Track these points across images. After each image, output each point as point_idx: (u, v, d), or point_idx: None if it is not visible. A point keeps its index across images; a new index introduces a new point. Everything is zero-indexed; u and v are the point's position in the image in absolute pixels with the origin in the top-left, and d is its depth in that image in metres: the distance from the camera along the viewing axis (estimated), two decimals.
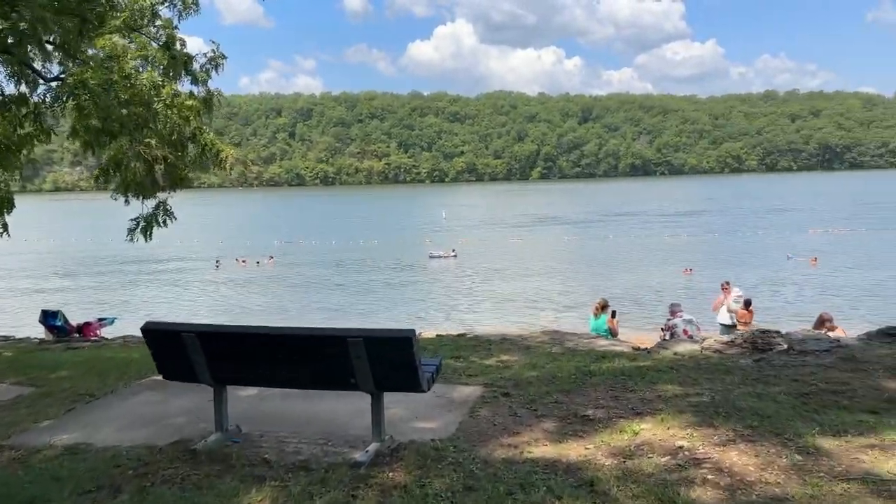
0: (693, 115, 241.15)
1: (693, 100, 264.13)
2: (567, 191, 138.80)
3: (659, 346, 7.98)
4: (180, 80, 11.63)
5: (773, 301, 23.96)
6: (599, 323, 10.67)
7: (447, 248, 40.33)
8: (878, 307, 22.75)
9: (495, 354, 7.64)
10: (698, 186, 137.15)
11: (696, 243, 42.32)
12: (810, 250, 35.38)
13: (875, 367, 5.21)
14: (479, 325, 18.94)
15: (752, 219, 58.88)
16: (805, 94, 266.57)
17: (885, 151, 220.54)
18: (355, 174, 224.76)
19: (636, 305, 23.63)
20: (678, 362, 6.37)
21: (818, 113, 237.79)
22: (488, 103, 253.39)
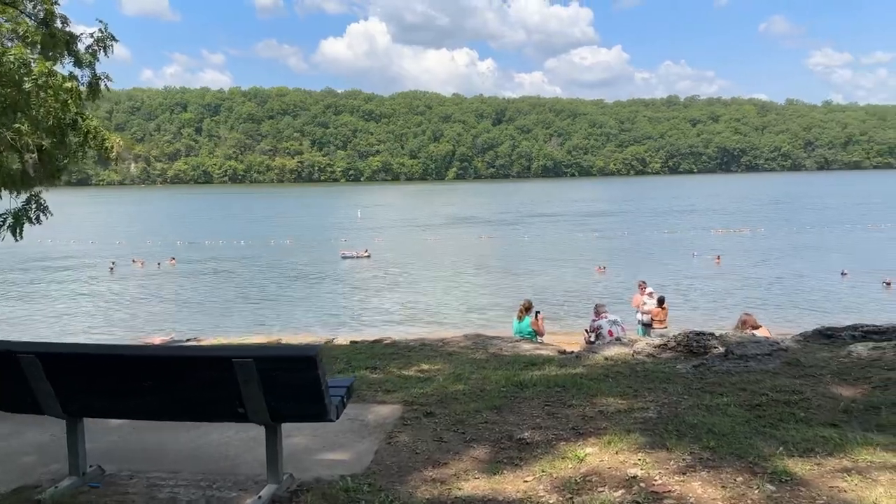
0: (600, 119, 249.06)
1: (600, 104, 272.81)
2: (482, 191, 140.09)
3: (588, 349, 7.51)
4: (62, 61, 10.34)
5: (684, 299, 24.45)
6: (524, 325, 10.19)
7: (360, 247, 39.33)
8: (781, 303, 23.67)
9: (415, 363, 6.95)
10: (606, 188, 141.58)
11: (606, 242, 43.19)
12: (714, 249, 36.71)
13: (822, 373, 4.87)
14: (396, 329, 18.22)
15: (658, 219, 60.95)
16: (704, 100, 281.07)
17: (777, 155, 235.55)
18: (266, 172, 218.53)
19: (554, 305, 23.53)
20: (612, 369, 5.88)
21: (717, 118, 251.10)
22: (403, 103, 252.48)
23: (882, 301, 23.60)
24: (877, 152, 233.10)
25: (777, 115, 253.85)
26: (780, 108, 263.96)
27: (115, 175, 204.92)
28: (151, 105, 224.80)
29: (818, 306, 22.95)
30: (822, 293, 25.23)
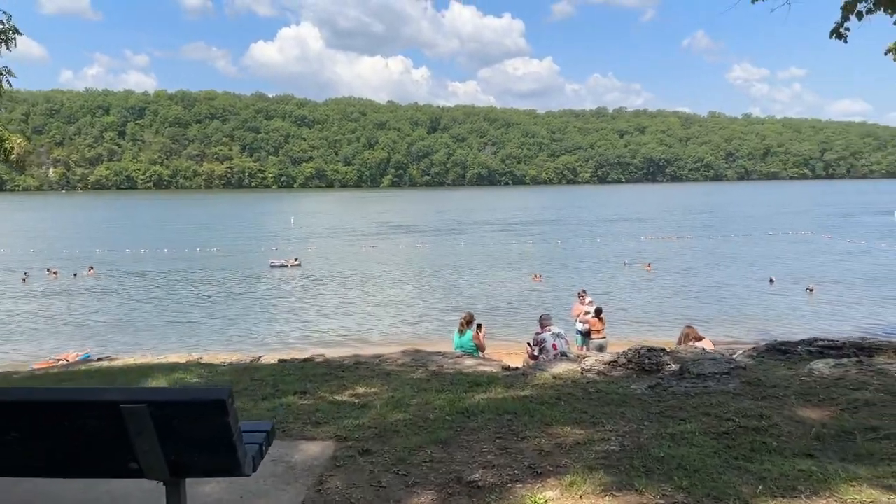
0: (533, 129, 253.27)
1: (533, 114, 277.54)
2: (418, 198, 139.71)
3: (534, 366, 7.09)
4: None
5: (617, 306, 24.57)
6: (465, 339, 9.72)
7: (291, 256, 38.15)
8: (714, 311, 24.08)
9: (349, 386, 6.36)
10: (539, 196, 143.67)
11: (541, 250, 43.42)
12: (644, 257, 37.36)
13: (786, 394, 4.58)
14: (329, 345, 17.47)
15: (589, 227, 61.93)
16: (632, 111, 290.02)
17: (700, 165, 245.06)
18: (194, 178, 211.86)
19: (493, 315, 23.22)
20: (563, 390, 5.47)
21: (643, 130, 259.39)
22: (337, 109, 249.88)
23: (806, 307, 24.34)
24: (793, 163, 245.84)
25: (700, 127, 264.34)
26: (703, 120, 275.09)
27: (32, 180, 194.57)
28: (71, 108, 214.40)
29: (750, 314, 23.46)
30: (752, 300, 25.85)
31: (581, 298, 15.16)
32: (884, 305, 24.27)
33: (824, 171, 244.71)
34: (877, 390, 4.30)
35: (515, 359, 16.47)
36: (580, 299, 15.18)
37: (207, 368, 8.44)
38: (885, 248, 41.49)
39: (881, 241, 45.90)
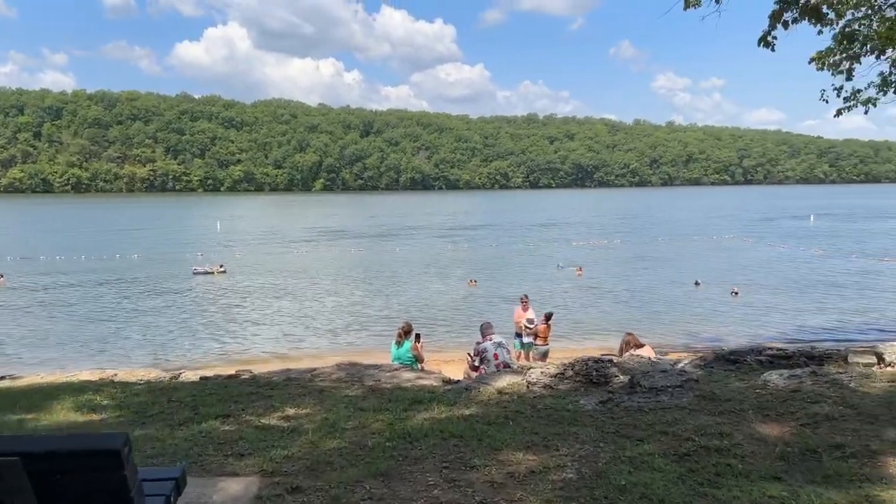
0: (466, 134, 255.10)
1: (466, 119, 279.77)
2: (351, 203, 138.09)
3: (477, 380, 6.75)
4: None
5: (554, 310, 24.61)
6: (402, 351, 9.29)
7: (215, 262, 36.70)
8: (645, 315, 24.42)
9: (278, 407, 5.86)
10: (473, 201, 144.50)
11: (476, 255, 43.39)
12: (576, 261, 37.80)
13: (743, 408, 4.39)
14: (256, 358, 16.64)
15: (523, 232, 62.50)
16: (561, 118, 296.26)
17: (626, 171, 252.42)
18: (115, 181, 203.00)
19: (429, 322, 22.85)
20: (510, 407, 5.14)
21: (572, 136, 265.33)
22: (266, 111, 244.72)
23: (732, 309, 24.99)
24: (714, 170, 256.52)
25: (626, 134, 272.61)
26: (628, 127, 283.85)
27: None
28: None
29: (679, 317, 23.90)
30: (680, 303, 26.38)
31: (524, 304, 14.98)
32: (805, 308, 25.19)
33: (743, 177, 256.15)
34: (835, 403, 4.15)
35: (454, 367, 16.16)
36: (522, 305, 15.00)
37: (121, 388, 7.72)
38: (803, 252, 43.42)
39: (799, 244, 48.06)
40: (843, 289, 28.98)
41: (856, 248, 44.48)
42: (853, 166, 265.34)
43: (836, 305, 25.33)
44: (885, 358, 4.91)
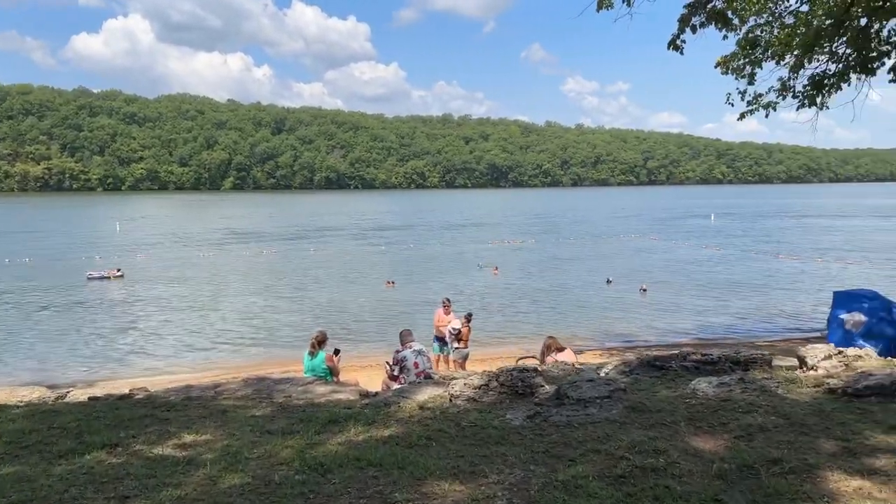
0: (382, 133, 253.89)
1: (381, 118, 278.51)
2: (263, 202, 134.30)
3: (397, 392, 6.35)
4: None
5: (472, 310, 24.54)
6: (317, 362, 8.74)
7: (112, 266, 34.55)
8: (561, 313, 24.74)
9: (175, 433, 5.26)
10: (390, 200, 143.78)
11: (393, 256, 42.95)
12: (492, 260, 38.06)
13: (675, 420, 4.21)
14: (153, 372, 15.52)
15: (440, 232, 62.53)
16: (476, 119, 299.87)
17: (539, 172, 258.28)
18: (5, 180, 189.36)
19: (346, 326, 22.25)
20: (433, 426, 4.79)
21: (487, 137, 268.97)
22: (171, 106, 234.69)
23: (642, 307, 25.69)
24: (620, 171, 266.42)
25: (538, 135, 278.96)
26: (540, 129, 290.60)
27: None
28: None
29: (593, 314, 24.34)
30: (593, 301, 26.91)
31: (445, 307, 14.65)
32: (709, 304, 26.23)
33: (647, 178, 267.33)
34: (767, 412, 4.03)
35: (370, 373, 15.70)
36: (444, 308, 14.66)
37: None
38: (706, 250, 45.47)
39: (701, 243, 50.34)
40: (743, 285, 30.41)
41: (754, 246, 47.01)
42: (748, 167, 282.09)
43: (738, 301, 26.52)
44: (808, 362, 4.88)
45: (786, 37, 15.52)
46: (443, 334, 14.09)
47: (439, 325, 14.32)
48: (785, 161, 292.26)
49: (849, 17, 15.00)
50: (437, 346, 14.21)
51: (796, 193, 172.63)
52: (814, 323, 22.59)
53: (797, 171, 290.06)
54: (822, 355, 4.95)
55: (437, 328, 14.48)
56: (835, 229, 63.27)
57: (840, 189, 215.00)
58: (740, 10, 14.93)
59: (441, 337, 14.17)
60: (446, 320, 14.19)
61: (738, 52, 16.11)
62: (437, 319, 14.60)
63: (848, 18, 15.10)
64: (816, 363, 4.90)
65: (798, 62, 15.68)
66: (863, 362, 4.81)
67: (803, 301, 26.55)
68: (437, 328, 14.46)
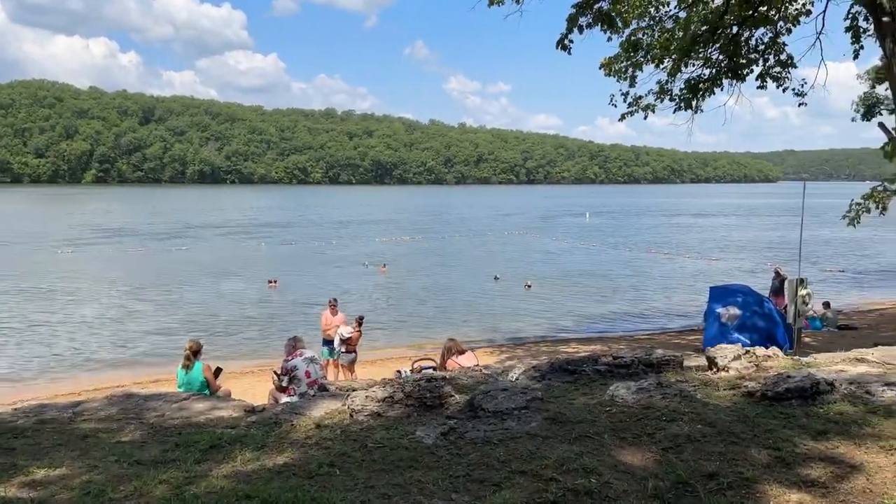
0: (260, 126, 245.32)
1: (259, 110, 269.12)
2: (129, 197, 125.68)
3: (288, 408, 5.73)
4: None
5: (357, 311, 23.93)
6: (193, 376, 7.85)
7: None
8: (452, 313, 24.62)
9: (22, 467, 4.40)
10: (270, 196, 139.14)
11: (275, 254, 41.33)
12: (380, 258, 37.53)
13: (599, 431, 3.95)
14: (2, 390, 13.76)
15: (324, 229, 61.07)
16: (360, 115, 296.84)
17: (423, 170, 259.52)
18: None
19: (225, 328, 20.94)
20: (333, 448, 4.27)
21: (371, 133, 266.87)
22: (26, 93, 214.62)
23: (528, 303, 26.12)
24: (501, 170, 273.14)
25: (422, 133, 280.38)
26: (424, 127, 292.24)
27: None
28: None
29: (483, 311, 24.42)
30: (482, 298, 27.06)
31: (332, 308, 13.95)
32: (589, 299, 27.11)
33: (526, 177, 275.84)
34: (692, 420, 3.85)
35: (251, 380, 14.75)
36: (331, 309, 13.95)
37: None
38: (583, 247, 47.27)
39: (579, 239, 52.31)
40: (619, 281, 31.76)
41: (626, 243, 49.43)
42: (618, 168, 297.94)
43: (616, 297, 27.61)
44: (718, 362, 4.81)
45: (664, 41, 16.12)
46: (331, 337, 13.42)
47: (327, 328, 13.63)
48: (651, 163, 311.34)
49: (723, 24, 15.79)
50: (326, 351, 13.53)
51: (662, 193, 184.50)
52: (689, 318, 23.88)
53: (662, 172, 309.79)
54: (731, 355, 4.91)
55: (324, 331, 13.79)
56: (698, 227, 67.97)
57: (700, 189, 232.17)
58: (624, 12, 15.34)
59: (329, 340, 13.49)
60: (334, 322, 13.54)
61: (622, 54, 16.58)
62: (324, 321, 13.90)
63: (722, 26, 15.90)
64: (727, 364, 4.84)
65: (675, 66, 16.33)
66: (772, 362, 4.81)
67: (675, 295, 28.05)
68: (325, 331, 13.77)
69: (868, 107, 24.50)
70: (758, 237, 55.89)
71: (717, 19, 15.43)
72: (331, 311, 13.76)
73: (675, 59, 16.26)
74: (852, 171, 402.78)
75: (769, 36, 16.29)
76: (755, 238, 55.13)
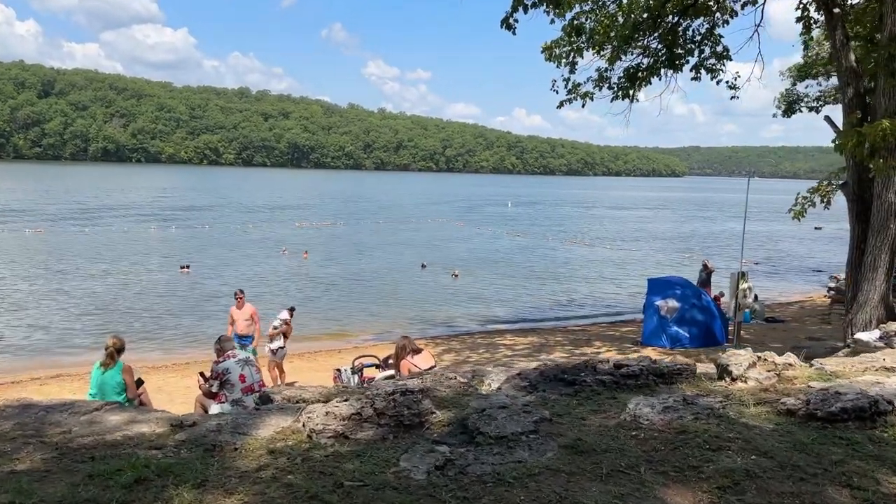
0: (169, 103, 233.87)
1: (168, 87, 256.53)
2: (26, 175, 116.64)
3: (231, 427, 4.76)
4: None
5: (277, 300, 22.67)
6: (108, 377, 6.59)
7: None
8: (382, 301, 23.71)
9: None
10: (180, 177, 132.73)
11: (187, 238, 39.00)
12: (301, 244, 36.09)
13: (631, 464, 3.28)
14: None
15: (240, 212, 58.47)
16: (275, 95, 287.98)
17: (341, 154, 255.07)
18: None
19: (134, 317, 19.23)
20: (297, 486, 3.39)
21: (287, 115, 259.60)
22: None
23: (456, 292, 25.57)
24: (421, 157, 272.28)
25: (341, 117, 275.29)
26: (343, 111, 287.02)
27: None
28: None
29: (412, 299, 23.75)
30: (410, 286, 26.32)
31: (238, 301, 12.62)
32: (516, 287, 26.85)
33: (446, 166, 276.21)
34: (742, 450, 3.24)
35: (165, 376, 13.43)
36: (237, 302, 12.62)
37: None
38: (506, 235, 47.29)
39: (503, 228, 52.34)
40: (544, 269, 31.78)
41: (548, 232, 49.83)
42: (535, 160, 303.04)
43: (544, 286, 27.49)
44: (732, 371, 4.25)
45: (606, 27, 15.75)
46: (242, 333, 12.21)
47: (237, 323, 12.35)
48: (566, 155, 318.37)
49: (664, 12, 15.60)
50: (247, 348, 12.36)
51: (578, 185, 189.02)
52: (614, 307, 24.01)
53: (576, 164, 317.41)
54: (745, 363, 4.36)
55: (234, 325, 12.45)
56: (615, 218, 69.62)
57: (613, 182, 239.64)
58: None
59: (241, 336, 12.21)
60: (241, 316, 12.30)
61: (564, 38, 16.08)
62: (233, 316, 12.58)
63: (663, 14, 15.70)
64: (742, 373, 4.28)
65: (615, 54, 16.05)
66: (793, 371, 4.30)
67: (599, 284, 28.24)
68: (234, 325, 12.45)
69: (789, 103, 25.24)
70: (671, 229, 57.76)
71: (660, 6, 15.22)
72: (238, 304, 12.54)
73: (615, 46, 15.97)
74: (752, 168, 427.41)
75: (706, 27, 16.27)
76: (669, 230, 56.93)
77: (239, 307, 12.54)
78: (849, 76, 11.43)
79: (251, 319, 12.43)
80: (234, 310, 12.62)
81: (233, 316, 12.55)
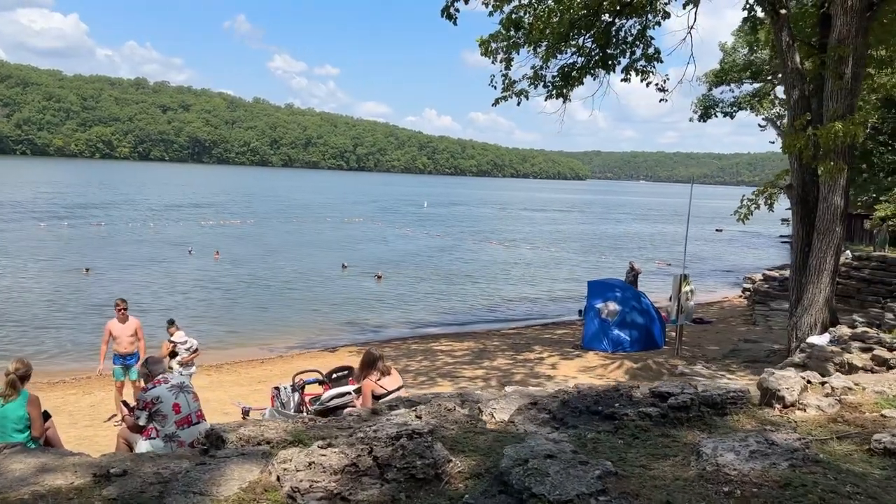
0: (59, 93, 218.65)
1: (58, 76, 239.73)
2: None
3: (184, 485, 3.72)
4: None
5: (187, 307, 21.02)
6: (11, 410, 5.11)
7: None
8: (295, 302, 22.46)
9: None
10: (70, 171, 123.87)
11: (82, 237, 35.93)
12: (210, 243, 34.02)
13: None
14: None
15: (138, 210, 54.78)
16: (175, 87, 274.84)
17: (246, 150, 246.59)
18: None
19: (22, 329, 17.12)
20: None
21: (188, 107, 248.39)
22: None
23: (381, 295, 24.64)
24: (331, 155, 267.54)
25: (246, 111, 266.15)
26: (248, 105, 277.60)
27: None
28: None
29: (334, 303, 22.59)
30: (332, 288, 25.18)
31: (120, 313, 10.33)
32: (443, 291, 26.19)
33: (357, 164, 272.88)
34: None
35: (63, 393, 11.81)
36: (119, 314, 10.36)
37: None
38: (425, 235, 46.60)
39: (421, 228, 51.63)
40: (466, 269, 31.32)
41: (466, 232, 49.56)
42: (446, 160, 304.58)
43: (470, 287, 26.98)
44: (784, 397, 3.67)
45: (542, 24, 15.29)
46: (125, 352, 10.30)
47: (118, 339, 10.29)
48: (476, 156, 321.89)
49: (600, 11, 15.32)
50: (119, 371, 10.37)
51: (489, 186, 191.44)
52: (539, 306, 23.80)
53: (486, 165, 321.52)
54: (797, 387, 3.80)
55: (116, 344, 10.38)
56: (528, 219, 70.44)
57: (522, 184, 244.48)
58: None
59: (122, 356, 10.31)
60: (125, 332, 10.27)
61: (501, 32, 15.50)
62: (111, 331, 10.35)
63: (601, 12, 15.42)
64: (796, 399, 3.70)
65: (550, 52, 15.64)
66: (855, 397, 3.77)
67: (523, 285, 28.02)
68: (116, 342, 10.37)
69: (706, 108, 25.95)
70: (585, 230, 58.92)
71: (598, 5, 14.93)
72: (119, 317, 10.33)
73: (549, 43, 15.57)
74: (649, 173, 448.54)
75: (637, 28, 16.13)
76: (583, 231, 58.05)
77: (121, 320, 10.34)
78: (794, 78, 11.43)
79: (135, 335, 10.43)
80: (113, 324, 10.38)
81: (111, 331, 10.33)
